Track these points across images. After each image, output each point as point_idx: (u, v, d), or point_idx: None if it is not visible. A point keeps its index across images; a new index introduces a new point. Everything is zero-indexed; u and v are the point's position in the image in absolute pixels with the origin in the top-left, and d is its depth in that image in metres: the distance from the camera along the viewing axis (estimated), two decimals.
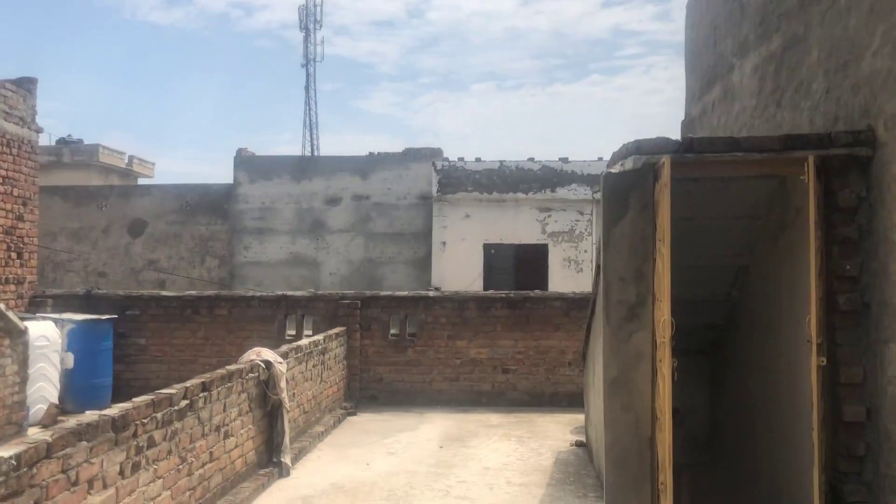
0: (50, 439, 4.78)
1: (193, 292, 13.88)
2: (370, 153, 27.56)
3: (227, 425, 7.42)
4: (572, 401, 12.12)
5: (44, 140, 32.74)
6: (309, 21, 45.20)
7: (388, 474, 8.62)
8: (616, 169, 6.13)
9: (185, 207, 27.54)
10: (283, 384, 8.47)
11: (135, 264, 27.82)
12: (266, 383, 8.29)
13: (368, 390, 12.55)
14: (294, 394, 9.48)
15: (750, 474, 7.93)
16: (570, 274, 21.78)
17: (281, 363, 8.56)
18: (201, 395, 6.85)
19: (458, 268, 21.89)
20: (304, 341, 10.31)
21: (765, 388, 7.45)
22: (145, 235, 27.67)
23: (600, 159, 21.93)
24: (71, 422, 5.23)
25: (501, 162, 22.10)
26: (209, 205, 27.49)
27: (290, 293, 12.97)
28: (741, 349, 8.34)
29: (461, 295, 12.76)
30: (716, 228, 7.57)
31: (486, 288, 21.47)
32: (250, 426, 7.99)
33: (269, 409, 8.41)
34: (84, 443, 5.11)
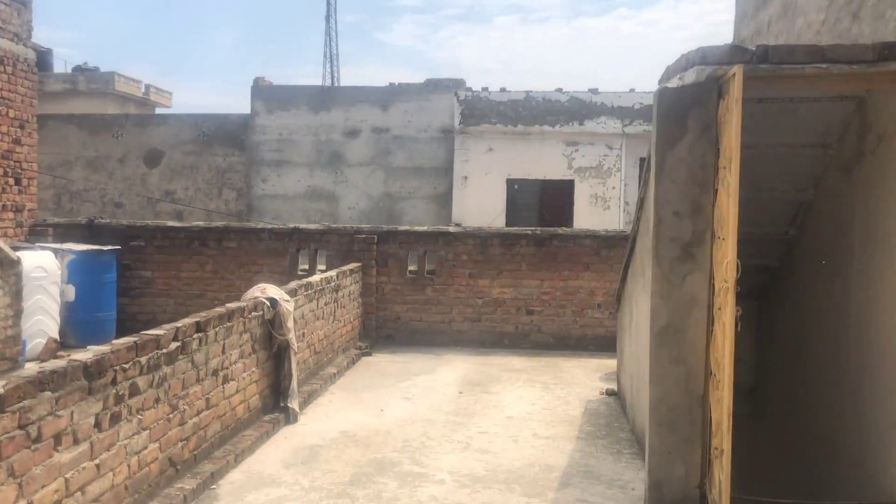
0: (1, 390, 3.98)
1: (201, 223, 13.05)
2: (390, 84, 26.42)
3: (227, 369, 6.64)
4: (601, 345, 11.30)
5: (59, 67, 31.73)
6: None
7: (404, 422, 7.86)
8: (674, 83, 5.15)
9: (201, 138, 26.71)
10: (290, 324, 7.67)
11: (151, 195, 27.14)
12: (272, 322, 7.49)
13: (385, 329, 11.77)
14: (303, 333, 8.71)
15: (803, 427, 7.09)
16: (596, 211, 20.81)
17: (288, 301, 7.75)
18: (195, 336, 6.04)
19: (480, 204, 20.96)
20: (315, 277, 9.50)
21: (826, 336, 6.56)
22: (162, 166, 26.94)
23: (632, 90, 20.78)
24: (31, 368, 4.43)
25: (527, 93, 20.98)
26: (226, 135, 26.65)
27: (302, 226, 12.13)
28: (797, 293, 7.42)
29: (484, 231, 11.87)
30: (778, 158, 6.60)
31: (508, 225, 20.55)
32: (254, 369, 7.23)
33: (275, 351, 7.63)
34: (48, 393, 4.32)
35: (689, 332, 5.31)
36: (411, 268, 11.89)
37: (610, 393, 9.07)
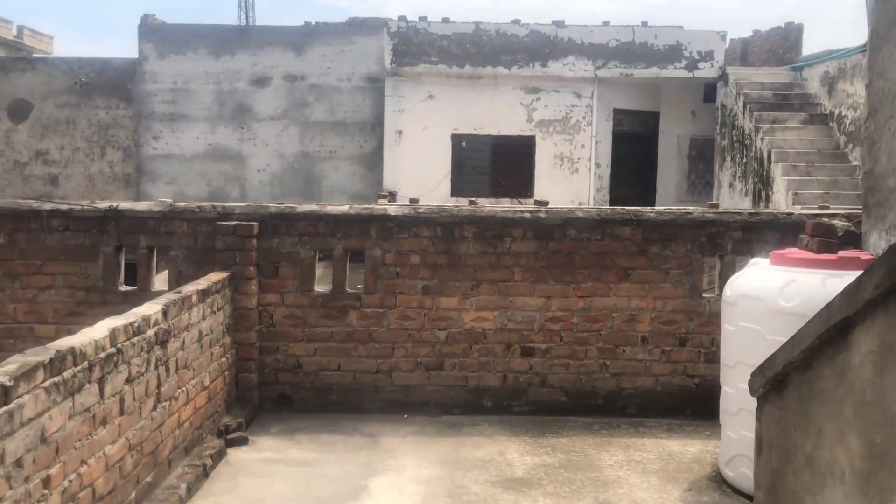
0: None
1: None
2: (306, 23, 20.33)
3: None
4: (651, 407, 6.08)
5: None
6: None
7: None
8: None
9: (79, 87, 20.24)
10: None
11: (19, 156, 20.61)
12: None
13: (276, 387, 6.15)
14: (47, 478, 3.01)
15: None
16: (562, 175, 15.44)
17: None
18: None
19: (419, 166, 15.31)
20: (87, 338, 3.73)
21: None
22: (31, 120, 20.54)
23: (606, 24, 15.30)
24: None
25: (476, 24, 15.29)
26: (109, 84, 20.26)
27: (125, 206, 6.26)
28: None
29: (448, 213, 6.22)
30: None
31: (454, 193, 14.96)
32: None
33: None
34: None
35: None
36: (321, 289, 6.25)
37: None
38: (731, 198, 14.82)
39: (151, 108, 19.44)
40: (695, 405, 6.20)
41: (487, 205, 12.66)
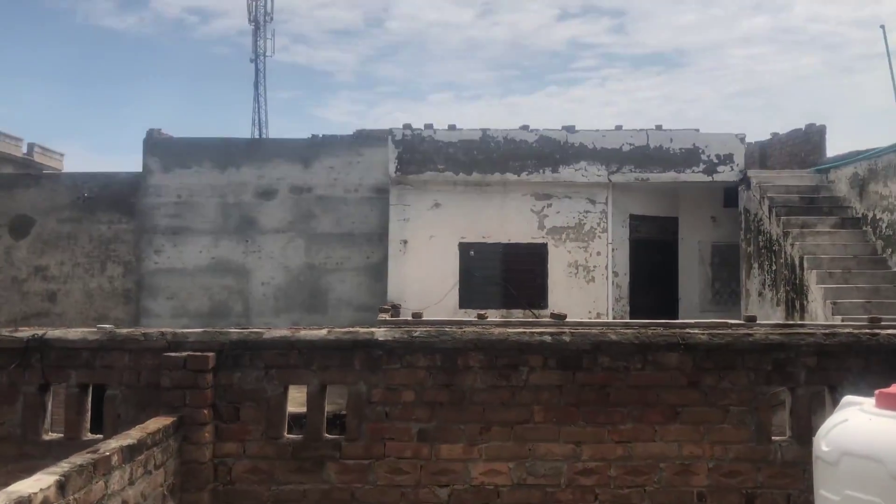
0: None
1: None
2: (313, 136, 19.67)
3: None
4: None
5: None
6: (258, 13, 37.22)
7: None
8: None
9: (81, 201, 19.45)
10: None
11: (18, 272, 19.65)
12: None
13: None
14: None
15: None
16: (578, 284, 14.16)
17: None
18: None
19: (426, 276, 14.12)
20: None
21: None
22: (31, 236, 19.69)
23: (619, 128, 14.34)
24: None
25: (484, 131, 14.41)
26: (112, 199, 19.48)
27: (53, 334, 4.97)
28: None
29: (449, 338, 4.90)
30: None
31: (462, 305, 13.68)
32: None
33: None
34: None
35: None
36: (290, 436, 4.91)
37: None
38: (762, 307, 13.46)
39: (154, 222, 18.61)
40: None
41: (497, 317, 11.42)
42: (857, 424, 3.58)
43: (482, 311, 10.33)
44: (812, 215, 13.30)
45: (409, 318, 9.31)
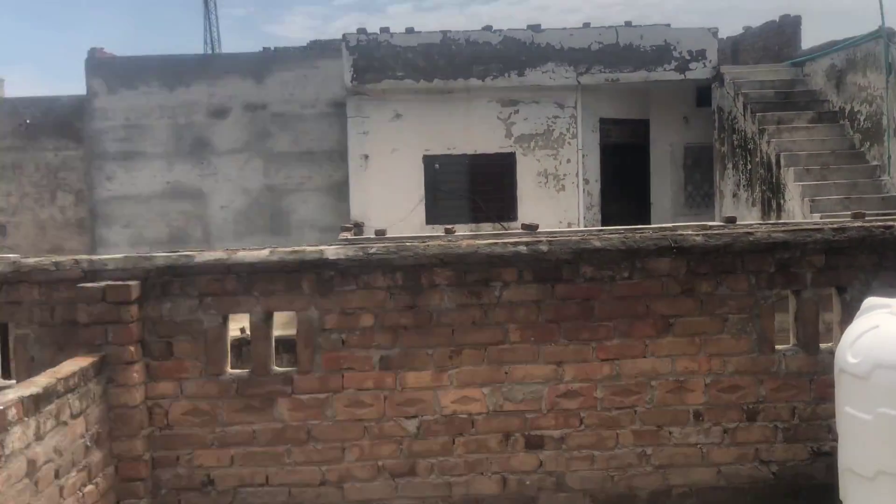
0: None
1: None
2: (265, 48, 18.51)
3: None
4: None
5: None
6: None
7: None
8: None
9: (23, 129, 18.27)
10: None
11: None
12: None
13: None
14: None
15: None
16: (548, 194, 13.56)
17: None
18: None
19: (389, 192, 13.38)
20: None
21: None
22: None
23: (587, 25, 13.46)
24: None
25: (444, 33, 13.47)
26: (57, 124, 18.35)
27: None
28: None
29: (411, 252, 4.22)
30: None
31: (429, 221, 13.01)
32: None
33: None
34: None
35: None
36: (233, 372, 4.28)
37: None
38: (737, 209, 12.97)
39: (103, 148, 17.56)
40: (773, 503, 4.24)
41: (466, 231, 10.78)
42: (890, 331, 3.01)
43: (450, 227, 9.69)
44: (788, 111, 12.70)
45: (371, 237, 8.63)
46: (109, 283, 4.07)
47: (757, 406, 4.28)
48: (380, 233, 8.84)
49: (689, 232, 4.39)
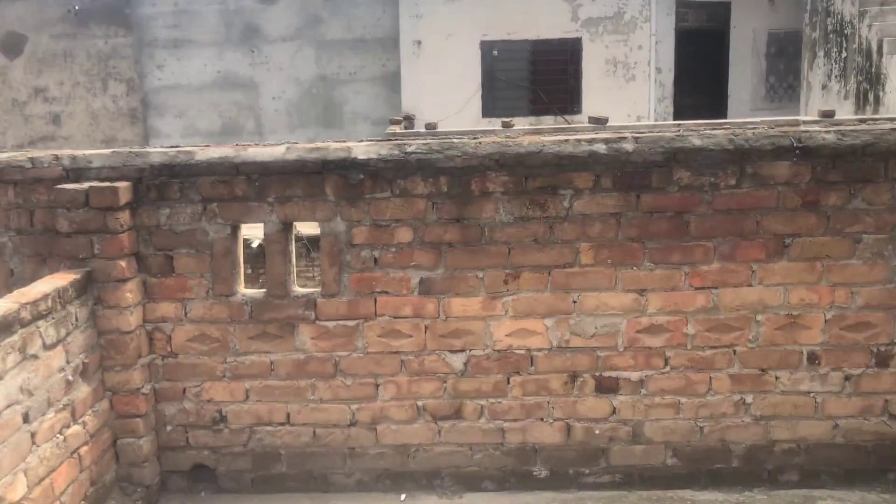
0: None
1: None
2: None
3: None
4: (827, 470, 3.30)
5: None
6: None
7: None
8: None
9: (72, 15, 17.55)
10: None
11: (17, 94, 18.19)
12: None
13: (184, 453, 3.48)
14: None
15: None
16: (616, 84, 12.26)
17: None
18: None
19: (443, 83, 12.28)
20: None
21: None
22: (26, 54, 17.89)
23: None
24: None
25: None
26: (106, 10, 17.55)
27: None
28: None
29: (457, 153, 3.31)
30: None
31: (485, 114, 11.94)
32: None
33: None
34: None
35: None
36: (249, 290, 3.54)
37: None
38: (826, 102, 11.52)
39: (153, 35, 16.75)
40: None
41: (525, 125, 9.74)
42: None
43: (507, 120, 8.69)
44: None
45: (420, 131, 7.70)
46: (94, 183, 3.30)
47: (891, 349, 3.36)
48: (430, 126, 7.92)
49: (817, 128, 3.35)
